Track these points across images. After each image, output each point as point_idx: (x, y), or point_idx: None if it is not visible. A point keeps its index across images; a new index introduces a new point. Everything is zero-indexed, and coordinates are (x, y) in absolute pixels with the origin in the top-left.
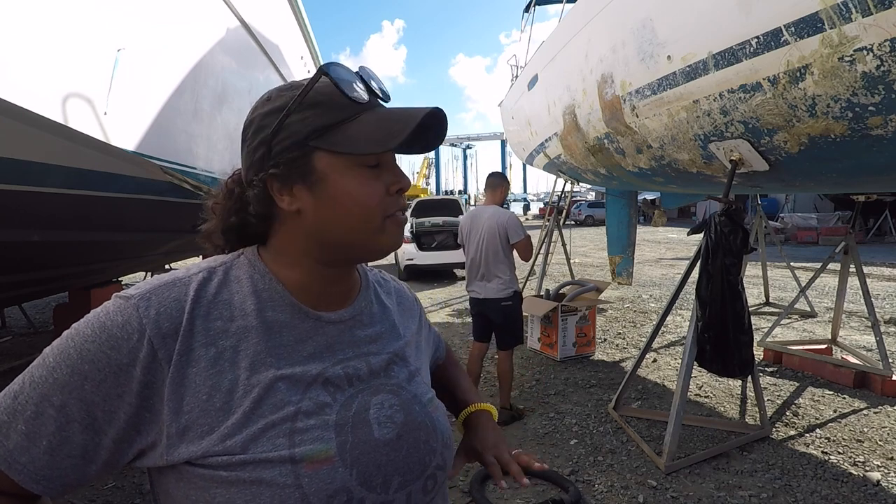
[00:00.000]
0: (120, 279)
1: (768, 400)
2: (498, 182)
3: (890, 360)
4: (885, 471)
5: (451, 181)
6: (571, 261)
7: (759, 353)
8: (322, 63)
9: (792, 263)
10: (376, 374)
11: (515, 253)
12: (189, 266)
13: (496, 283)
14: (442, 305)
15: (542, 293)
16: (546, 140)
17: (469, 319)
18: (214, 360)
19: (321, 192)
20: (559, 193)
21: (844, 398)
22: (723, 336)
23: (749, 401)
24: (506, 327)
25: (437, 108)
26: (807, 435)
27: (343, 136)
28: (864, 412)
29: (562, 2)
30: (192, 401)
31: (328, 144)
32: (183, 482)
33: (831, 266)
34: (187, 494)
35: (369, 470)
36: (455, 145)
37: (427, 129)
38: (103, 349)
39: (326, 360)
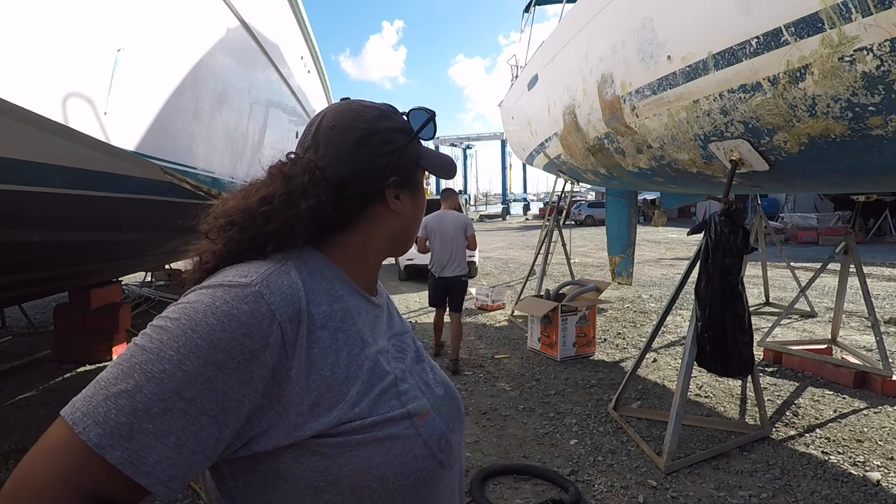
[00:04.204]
0: (120, 279)
1: (768, 400)
2: (454, 194)
3: (890, 360)
4: (885, 471)
5: (451, 181)
6: (571, 261)
7: (759, 353)
8: (321, 62)
9: (792, 263)
10: (409, 347)
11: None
12: (255, 264)
13: (458, 264)
14: None
15: (542, 293)
16: (546, 140)
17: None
18: (329, 339)
19: (416, 199)
20: (559, 193)
21: (844, 398)
22: (722, 336)
23: (749, 401)
24: (459, 295)
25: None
26: (807, 435)
27: (428, 161)
28: (864, 412)
29: (562, 2)
30: (317, 378)
31: (427, 167)
32: (305, 457)
33: (831, 266)
34: (314, 467)
35: (447, 418)
36: (455, 145)
37: None
38: (236, 337)
39: (386, 337)
